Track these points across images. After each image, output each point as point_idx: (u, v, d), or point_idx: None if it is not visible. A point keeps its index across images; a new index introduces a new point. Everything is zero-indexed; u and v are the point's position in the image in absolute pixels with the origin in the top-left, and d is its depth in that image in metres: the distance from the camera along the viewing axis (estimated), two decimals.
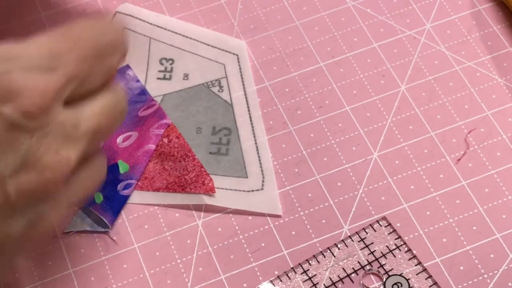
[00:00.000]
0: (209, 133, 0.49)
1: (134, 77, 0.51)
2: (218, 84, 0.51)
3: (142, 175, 0.48)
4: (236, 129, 0.49)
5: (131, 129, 0.49)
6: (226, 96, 0.51)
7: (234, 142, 0.49)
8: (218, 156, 0.48)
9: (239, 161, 0.48)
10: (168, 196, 0.47)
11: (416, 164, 0.48)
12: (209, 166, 0.48)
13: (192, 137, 0.49)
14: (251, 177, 0.48)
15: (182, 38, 0.53)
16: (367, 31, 0.53)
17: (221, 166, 0.48)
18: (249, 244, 0.46)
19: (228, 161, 0.48)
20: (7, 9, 0.55)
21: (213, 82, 0.51)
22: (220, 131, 0.49)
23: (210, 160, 0.48)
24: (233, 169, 0.48)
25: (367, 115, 0.50)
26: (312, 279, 0.44)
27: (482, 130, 0.49)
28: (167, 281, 0.45)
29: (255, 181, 0.47)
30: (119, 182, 0.47)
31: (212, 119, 0.50)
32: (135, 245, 0.46)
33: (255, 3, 0.55)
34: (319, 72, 0.52)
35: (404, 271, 0.44)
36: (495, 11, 0.54)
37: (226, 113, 0.50)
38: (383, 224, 0.46)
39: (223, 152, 0.48)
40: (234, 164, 0.48)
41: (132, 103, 0.50)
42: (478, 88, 0.51)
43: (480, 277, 0.44)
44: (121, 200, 0.47)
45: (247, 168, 0.48)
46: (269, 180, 0.47)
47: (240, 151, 0.48)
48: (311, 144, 0.49)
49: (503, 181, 0.47)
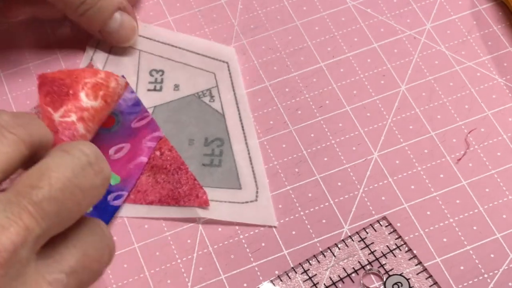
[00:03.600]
0: (201, 144, 0.49)
1: (128, 88, 0.50)
2: (209, 94, 0.51)
3: (135, 188, 0.47)
4: (229, 139, 0.49)
5: (124, 141, 0.49)
6: (218, 106, 0.50)
7: (226, 152, 0.48)
8: (211, 168, 0.48)
9: (232, 172, 0.48)
10: (162, 209, 0.47)
11: (416, 164, 0.48)
12: (202, 178, 0.47)
13: (185, 149, 0.49)
14: (245, 188, 0.47)
15: (171, 48, 0.53)
16: (367, 31, 0.53)
17: (214, 178, 0.48)
18: (249, 244, 0.46)
19: (222, 173, 0.48)
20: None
21: (204, 92, 0.51)
22: (213, 142, 0.49)
23: (203, 172, 0.48)
24: (226, 180, 0.48)
25: (367, 115, 0.50)
26: (313, 278, 0.44)
27: (482, 130, 0.49)
28: (167, 281, 0.45)
29: (249, 192, 0.47)
30: (110, 193, 0.47)
31: (204, 130, 0.49)
32: (135, 245, 0.46)
33: (255, 3, 0.55)
34: (319, 72, 0.52)
35: (404, 271, 0.44)
36: (495, 11, 0.54)
37: (218, 123, 0.50)
38: (384, 224, 0.46)
39: (216, 163, 0.48)
40: (227, 176, 0.48)
41: (125, 114, 0.50)
42: (478, 88, 0.51)
43: (481, 277, 0.44)
44: (111, 211, 0.46)
45: (240, 179, 0.48)
46: (263, 191, 0.47)
47: (233, 161, 0.48)
48: (311, 144, 0.49)
49: (503, 181, 0.47)
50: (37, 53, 0.53)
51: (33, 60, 0.53)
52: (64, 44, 0.53)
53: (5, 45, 0.53)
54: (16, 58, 0.53)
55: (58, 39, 0.54)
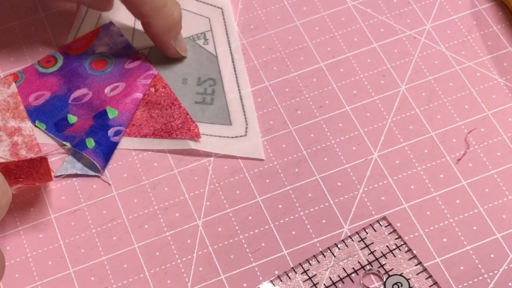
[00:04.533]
0: (194, 83, 0.51)
1: (118, 32, 0.53)
2: (203, 37, 0.53)
3: (130, 123, 0.49)
4: (221, 80, 0.51)
5: (118, 80, 0.51)
6: (211, 48, 0.52)
7: (218, 92, 0.51)
8: (203, 106, 0.50)
9: (223, 109, 0.50)
10: (155, 142, 0.49)
11: (416, 164, 0.48)
12: (195, 115, 0.50)
13: (178, 87, 0.51)
14: (235, 124, 0.49)
15: None
16: (367, 31, 0.53)
17: (206, 114, 0.50)
18: (249, 244, 0.46)
19: (213, 110, 0.50)
20: (8, 9, 0.55)
21: (198, 35, 0.53)
22: (205, 82, 0.51)
23: (195, 109, 0.50)
24: (217, 117, 0.50)
25: (367, 115, 0.50)
26: (312, 279, 0.44)
27: (482, 130, 0.49)
28: (167, 281, 0.45)
29: (238, 128, 0.49)
30: (109, 127, 0.49)
31: (197, 71, 0.51)
32: (135, 245, 0.46)
33: (255, 3, 0.55)
34: (319, 72, 0.52)
35: (404, 271, 0.44)
36: (495, 11, 0.54)
37: (211, 65, 0.52)
38: (383, 224, 0.46)
39: (208, 101, 0.50)
40: (218, 113, 0.50)
41: (117, 56, 0.52)
42: (478, 88, 0.51)
43: (480, 277, 0.44)
44: (112, 146, 0.49)
45: (231, 116, 0.50)
46: (252, 127, 0.49)
47: (225, 101, 0.50)
48: (311, 144, 0.49)
49: (503, 181, 0.47)
50: (37, 53, 0.53)
51: (32, 60, 0.53)
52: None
53: (5, 45, 0.53)
54: (16, 58, 0.53)
55: (59, 39, 0.54)
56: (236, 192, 0.47)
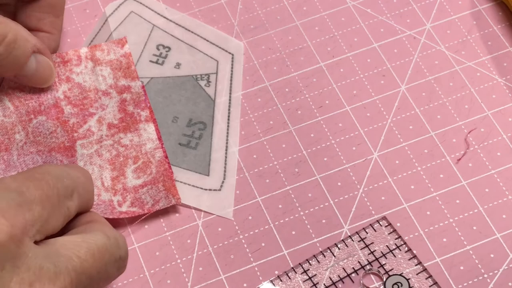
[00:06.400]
0: (184, 124, 0.50)
1: None
2: (206, 79, 0.52)
3: None
4: (212, 126, 0.50)
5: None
6: (211, 92, 0.51)
7: (205, 137, 0.49)
8: (186, 149, 0.49)
9: (205, 157, 0.49)
10: None
11: (416, 164, 0.48)
12: (175, 157, 0.48)
13: (167, 124, 0.50)
14: (212, 175, 0.48)
15: (184, 31, 0.53)
16: (367, 31, 0.53)
17: (186, 159, 0.48)
18: (249, 244, 0.46)
19: (194, 156, 0.49)
20: None
21: (202, 76, 0.52)
22: (195, 125, 0.50)
23: (177, 151, 0.49)
24: (196, 164, 0.48)
25: (367, 115, 0.50)
26: (312, 279, 0.44)
27: (482, 130, 0.49)
28: (167, 281, 0.45)
29: (215, 181, 0.48)
30: None
31: (191, 111, 0.50)
32: (135, 245, 0.46)
33: (255, 3, 0.55)
34: (319, 72, 0.52)
35: (404, 271, 0.44)
36: (495, 11, 0.54)
37: (207, 108, 0.50)
38: (383, 224, 0.46)
39: (192, 145, 0.49)
40: (199, 160, 0.49)
41: None
42: (478, 88, 0.51)
43: (480, 277, 0.44)
44: None
45: (211, 165, 0.48)
46: (229, 183, 0.48)
47: (209, 148, 0.49)
48: (311, 144, 0.49)
49: (503, 181, 0.47)
50: None
51: None
52: (67, 38, 0.53)
53: None
54: None
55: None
56: (236, 192, 0.47)
